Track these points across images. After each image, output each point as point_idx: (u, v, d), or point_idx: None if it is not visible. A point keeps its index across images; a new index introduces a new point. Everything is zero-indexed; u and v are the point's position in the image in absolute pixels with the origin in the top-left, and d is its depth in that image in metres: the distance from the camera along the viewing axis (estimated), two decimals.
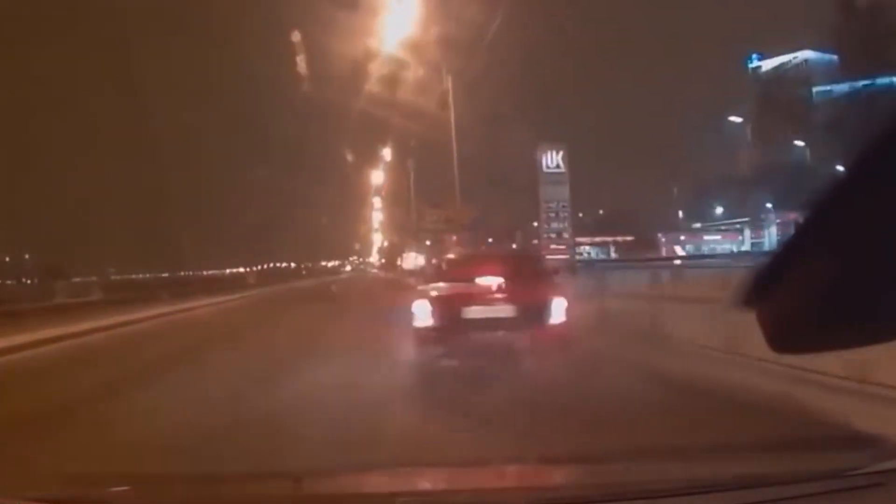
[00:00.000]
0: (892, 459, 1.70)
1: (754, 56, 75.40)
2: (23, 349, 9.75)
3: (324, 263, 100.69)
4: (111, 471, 2.97)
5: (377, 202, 62.84)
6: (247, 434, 3.97)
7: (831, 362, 4.41)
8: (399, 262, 65.52)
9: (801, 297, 0.88)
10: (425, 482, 2.05)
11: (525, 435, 3.47)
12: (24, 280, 62.86)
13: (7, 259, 65.08)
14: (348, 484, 2.12)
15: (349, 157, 55.18)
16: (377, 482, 2.15)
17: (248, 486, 2.14)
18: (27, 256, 65.71)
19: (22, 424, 4.57)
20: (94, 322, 13.32)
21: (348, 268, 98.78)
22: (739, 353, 5.40)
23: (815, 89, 71.43)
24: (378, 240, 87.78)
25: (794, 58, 73.85)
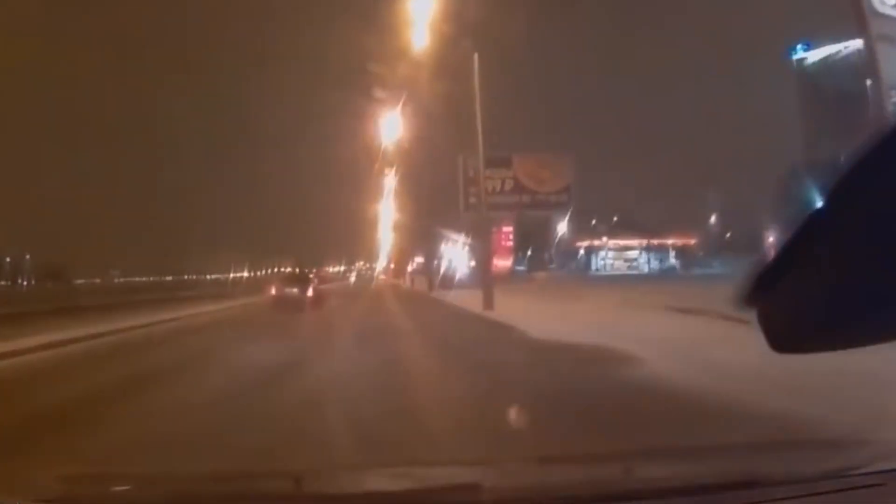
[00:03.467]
0: (892, 459, 1.78)
1: (799, 46, 73.91)
2: None
3: (330, 269, 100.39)
4: (111, 471, 3.13)
5: (391, 186, 53.20)
6: None
7: None
8: (409, 268, 60.28)
9: (802, 297, 0.93)
10: (425, 482, 2.17)
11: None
12: (19, 281, 64.40)
13: (7, 259, 66.51)
14: (348, 484, 2.25)
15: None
16: (377, 482, 2.28)
17: (248, 485, 2.27)
18: (28, 257, 67.21)
19: None
20: None
21: (353, 278, 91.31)
22: None
23: (869, 82, 69.84)
24: (387, 242, 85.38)
25: (845, 48, 72.43)
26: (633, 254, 67.60)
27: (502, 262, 33.41)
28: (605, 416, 4.86)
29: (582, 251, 66.09)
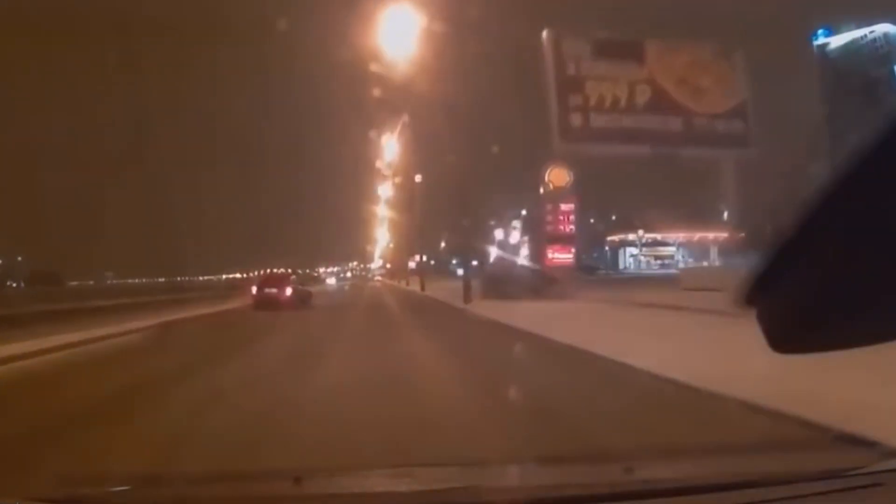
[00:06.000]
0: (892, 459, 1.85)
1: (820, 32, 73.14)
2: None
3: (323, 269, 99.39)
4: (111, 471, 3.23)
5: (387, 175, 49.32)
6: None
7: None
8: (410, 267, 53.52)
9: (802, 297, 0.96)
10: (425, 482, 2.25)
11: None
12: (9, 283, 65.25)
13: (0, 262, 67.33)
14: (348, 484, 2.34)
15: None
16: (377, 482, 2.37)
17: (248, 485, 2.36)
18: (20, 259, 67.99)
19: None
20: None
21: (332, 280, 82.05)
22: None
23: None
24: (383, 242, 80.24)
25: (870, 32, 71.68)
26: (667, 250, 60.89)
27: (561, 256, 22.83)
28: None
29: (607, 247, 60.74)
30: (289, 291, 24.18)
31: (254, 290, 24.61)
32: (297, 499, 2.04)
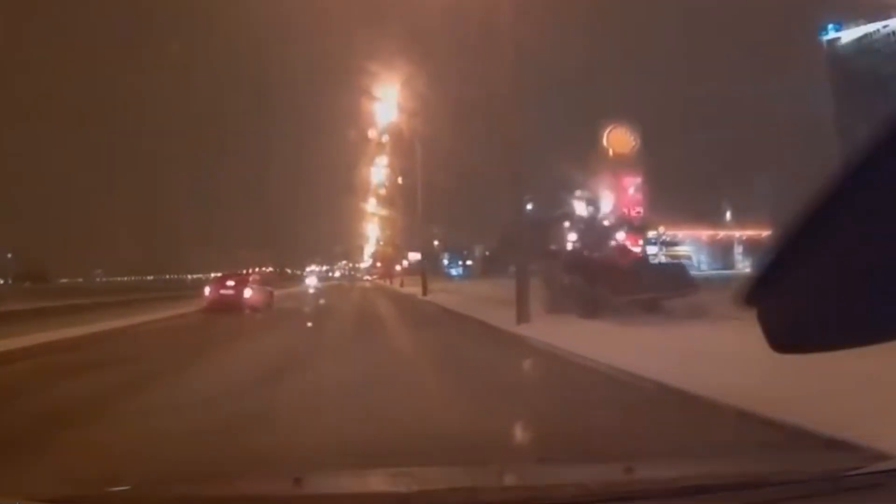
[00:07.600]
0: (892, 459, 1.90)
1: (830, 26, 72.95)
2: None
3: (310, 268, 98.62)
4: (111, 471, 3.29)
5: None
6: None
7: None
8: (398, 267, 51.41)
9: (802, 297, 0.99)
10: (425, 482, 2.30)
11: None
12: None
13: None
14: (348, 484, 2.39)
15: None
16: (377, 482, 2.42)
17: (248, 485, 2.41)
18: (9, 255, 68.53)
19: None
20: None
21: (312, 280, 73.09)
22: None
23: None
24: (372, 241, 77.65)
25: (884, 27, 71.51)
26: (683, 249, 57.74)
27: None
28: None
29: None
30: (248, 293, 21.74)
31: (207, 290, 22.23)
32: (297, 499, 2.09)
